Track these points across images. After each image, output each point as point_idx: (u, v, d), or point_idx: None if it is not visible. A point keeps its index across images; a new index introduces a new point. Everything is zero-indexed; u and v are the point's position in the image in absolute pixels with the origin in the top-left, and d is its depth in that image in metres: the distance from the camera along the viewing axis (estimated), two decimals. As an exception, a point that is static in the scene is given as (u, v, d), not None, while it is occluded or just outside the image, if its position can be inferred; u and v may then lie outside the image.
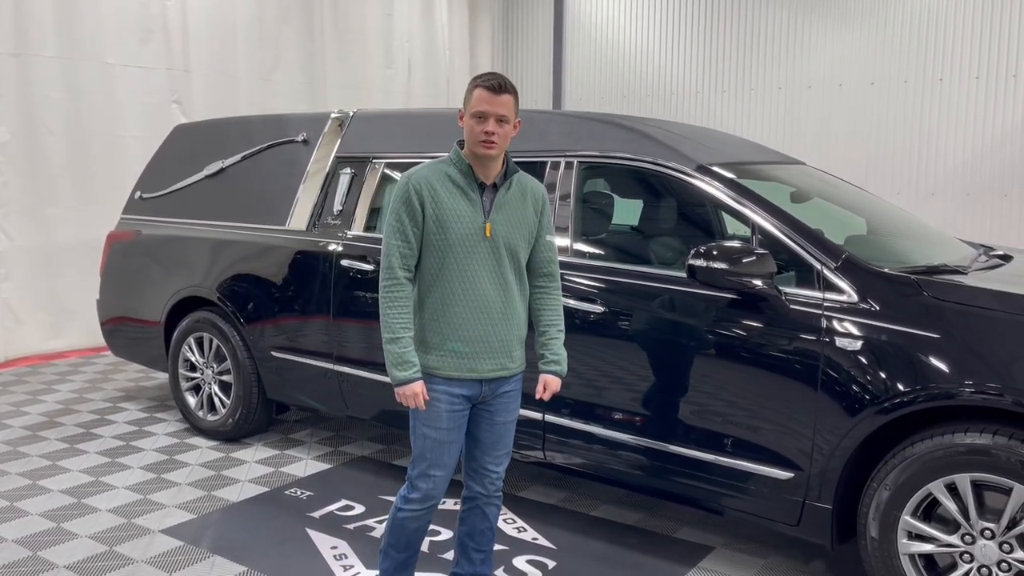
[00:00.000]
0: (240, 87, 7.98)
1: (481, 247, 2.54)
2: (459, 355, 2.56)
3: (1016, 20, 7.57)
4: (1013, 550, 2.62)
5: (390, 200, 2.52)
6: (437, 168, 2.57)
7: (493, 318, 2.57)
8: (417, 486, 2.65)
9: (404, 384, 2.51)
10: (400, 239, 2.52)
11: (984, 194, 7.89)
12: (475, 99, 2.49)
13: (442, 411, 2.58)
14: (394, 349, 2.51)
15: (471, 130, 2.50)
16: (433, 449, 2.61)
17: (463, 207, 2.53)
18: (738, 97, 9.17)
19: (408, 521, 2.70)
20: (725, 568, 3.34)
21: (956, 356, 2.70)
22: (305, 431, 5.00)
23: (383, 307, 2.53)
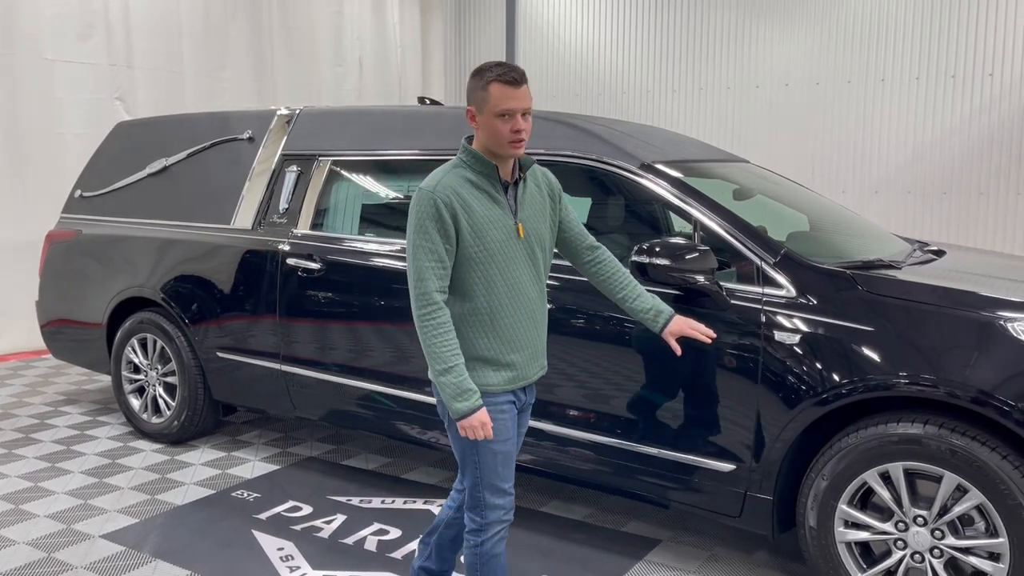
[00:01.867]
0: (186, 84, 7.85)
1: (517, 250, 2.39)
2: (513, 367, 2.42)
3: (954, 23, 7.79)
4: (944, 536, 2.70)
5: (412, 214, 2.32)
6: (455, 175, 2.35)
7: (537, 321, 2.47)
8: (495, 505, 2.46)
9: (469, 415, 2.31)
10: (434, 260, 2.30)
11: (924, 192, 8.11)
12: (495, 96, 2.28)
13: (508, 422, 2.44)
14: (450, 380, 2.30)
15: (496, 131, 2.29)
16: (504, 463, 2.45)
17: (495, 212, 2.36)
18: (688, 96, 9.29)
19: (497, 546, 2.49)
20: (671, 561, 3.39)
21: (890, 348, 2.77)
22: (253, 432, 4.94)
23: (426, 336, 2.32)
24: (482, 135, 2.35)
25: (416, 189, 2.35)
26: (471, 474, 2.46)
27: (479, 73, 2.34)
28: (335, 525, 3.68)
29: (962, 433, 2.63)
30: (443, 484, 4.17)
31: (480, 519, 2.47)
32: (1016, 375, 2.59)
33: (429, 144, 3.98)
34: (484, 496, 2.45)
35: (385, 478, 4.26)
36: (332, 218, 4.22)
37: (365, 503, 3.93)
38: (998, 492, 2.57)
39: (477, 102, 2.34)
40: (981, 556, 2.65)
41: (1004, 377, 2.60)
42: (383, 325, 3.86)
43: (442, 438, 3.76)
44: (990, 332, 2.68)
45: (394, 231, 4.05)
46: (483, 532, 2.47)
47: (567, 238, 2.64)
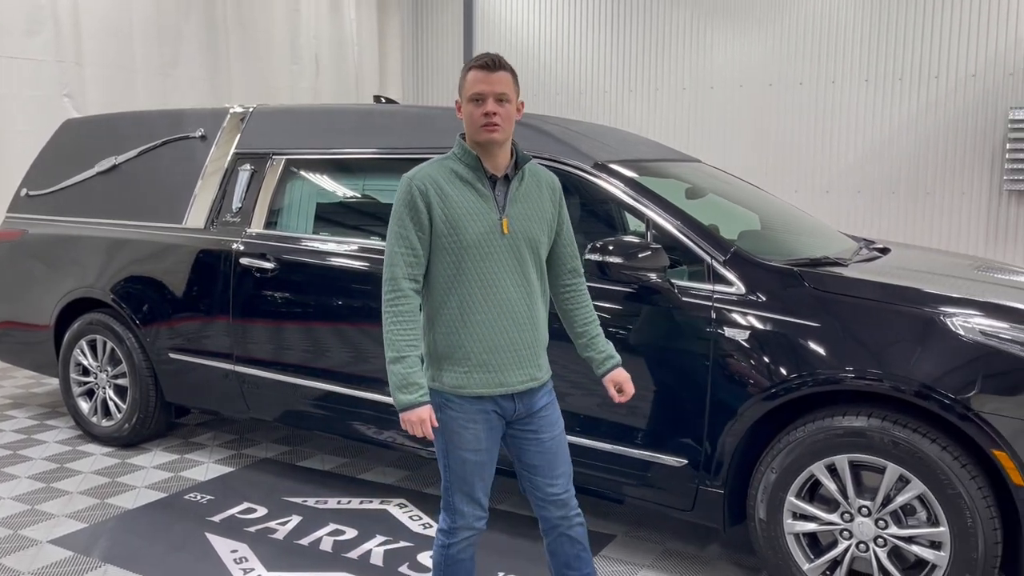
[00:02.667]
0: (137, 81, 7.71)
1: (499, 246, 2.30)
2: (486, 368, 2.32)
3: (901, 27, 7.99)
4: (888, 526, 2.77)
5: (394, 204, 2.32)
6: (441, 165, 2.33)
7: (519, 323, 2.34)
8: (462, 511, 2.41)
9: (409, 409, 2.25)
10: (404, 246, 2.28)
11: (874, 191, 8.29)
12: (470, 81, 2.28)
13: (479, 431, 2.35)
14: (398, 370, 2.25)
15: (470, 116, 2.28)
16: (474, 471, 2.37)
17: (475, 204, 2.30)
18: (645, 96, 9.38)
19: (463, 552, 2.45)
20: (626, 555, 3.42)
21: (837, 344, 2.84)
22: (207, 434, 4.88)
23: (386, 322, 2.27)
24: (465, 124, 2.33)
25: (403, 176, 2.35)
26: (444, 476, 2.43)
27: (464, 67, 2.35)
28: (290, 526, 3.65)
29: (904, 425, 2.71)
30: (400, 484, 4.16)
31: (450, 521, 2.44)
32: (955, 369, 2.67)
33: (384, 143, 3.97)
34: (454, 500, 2.42)
35: (341, 478, 4.24)
36: (286, 217, 4.18)
37: (321, 504, 3.90)
38: (938, 482, 2.65)
39: (459, 91, 2.34)
40: (923, 545, 2.73)
41: (945, 371, 2.68)
42: (339, 325, 3.84)
43: (399, 437, 3.75)
44: (932, 327, 2.76)
45: (350, 230, 4.04)
46: (451, 535, 2.44)
47: (554, 252, 2.50)
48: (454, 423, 2.34)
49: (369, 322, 3.74)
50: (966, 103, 7.78)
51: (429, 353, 2.37)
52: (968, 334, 2.70)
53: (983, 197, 7.81)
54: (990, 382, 2.63)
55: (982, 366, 2.66)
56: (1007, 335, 2.68)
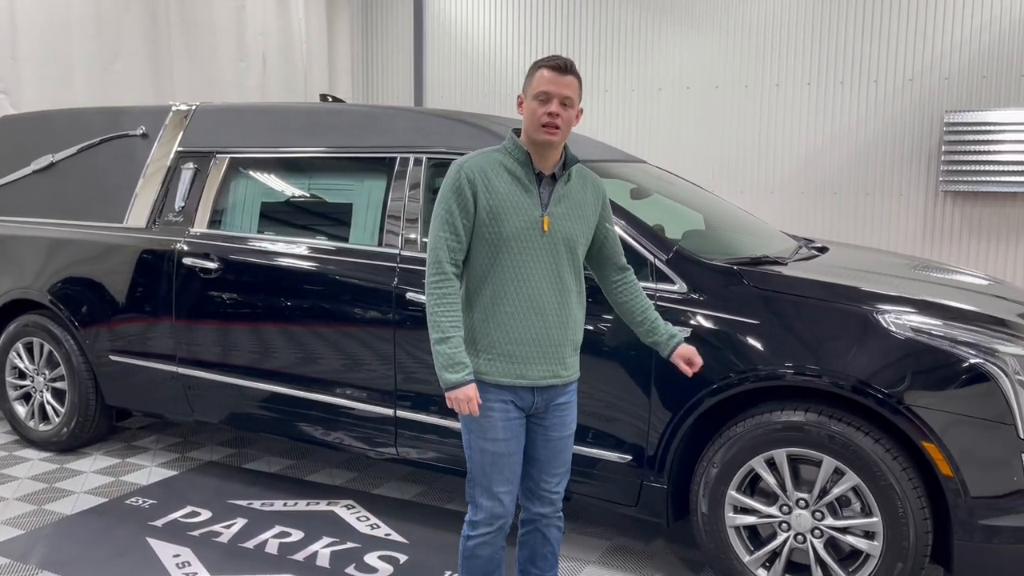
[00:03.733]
0: (76, 77, 7.50)
1: (538, 242, 2.35)
2: (510, 359, 2.36)
3: (842, 32, 8.19)
4: (824, 517, 2.85)
5: (441, 187, 2.36)
6: (491, 157, 2.38)
7: (547, 319, 2.38)
8: (481, 506, 2.44)
9: (456, 387, 2.28)
10: (449, 231, 2.32)
11: (817, 192, 8.48)
12: (537, 79, 2.32)
13: (496, 420, 2.38)
14: (444, 350, 2.29)
15: (532, 113, 2.31)
16: (493, 464, 2.40)
17: (520, 198, 2.34)
18: (594, 97, 9.45)
19: (479, 548, 2.47)
20: (573, 552, 3.46)
21: (776, 340, 2.90)
22: (150, 438, 4.79)
23: (430, 304, 2.31)
24: (524, 120, 2.37)
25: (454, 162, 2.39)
26: (469, 467, 2.47)
27: (533, 64, 2.38)
28: (235, 529, 3.61)
29: (839, 420, 2.79)
30: (347, 485, 4.14)
31: (471, 514, 2.49)
32: (889, 365, 2.76)
33: (330, 142, 3.94)
34: (475, 494, 2.46)
35: (288, 480, 4.20)
36: (231, 217, 4.13)
37: (267, 506, 3.86)
38: (872, 474, 2.73)
39: (525, 88, 2.37)
40: (857, 535, 2.82)
41: (879, 367, 2.76)
42: (285, 326, 3.81)
43: (346, 439, 3.73)
44: (867, 325, 2.84)
45: (296, 230, 4.00)
46: (472, 527, 2.48)
47: (601, 253, 2.58)
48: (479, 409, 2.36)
49: (316, 323, 3.71)
50: (904, 107, 8.01)
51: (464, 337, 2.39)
52: (900, 331, 2.79)
53: (920, 198, 8.04)
54: (921, 377, 2.72)
55: (913, 362, 2.74)
56: (939, 332, 2.77)
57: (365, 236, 3.73)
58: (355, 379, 3.64)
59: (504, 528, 2.48)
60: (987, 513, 2.65)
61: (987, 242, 7.80)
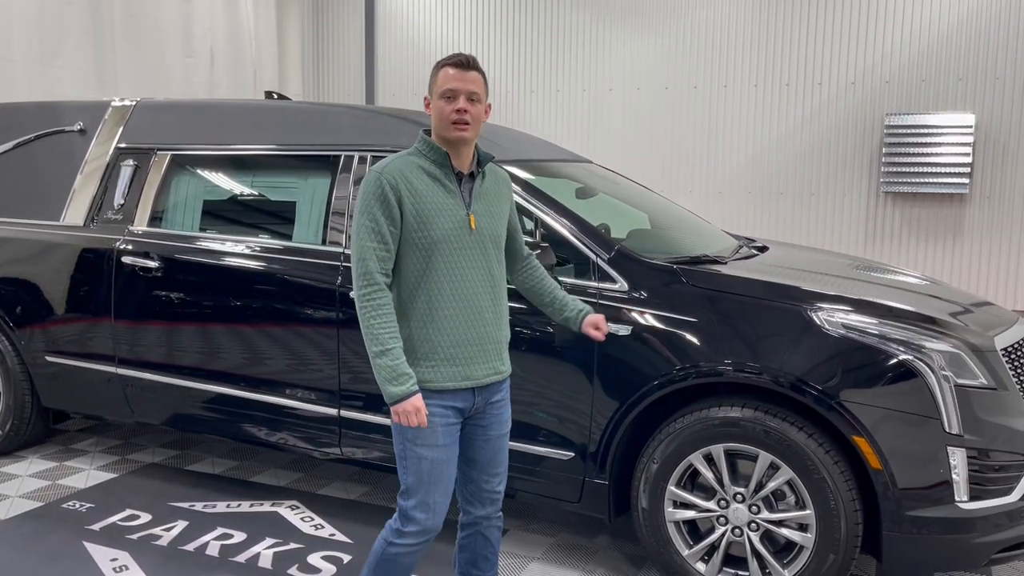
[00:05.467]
0: (16, 71, 7.31)
1: (467, 242, 2.35)
2: (453, 362, 2.34)
3: (787, 35, 8.35)
4: (760, 511, 2.91)
5: (360, 196, 2.32)
6: (408, 160, 2.34)
7: (484, 318, 2.38)
8: (415, 518, 2.37)
9: (402, 400, 2.24)
10: (376, 240, 2.27)
11: (763, 193, 8.64)
12: (442, 78, 2.32)
13: (437, 426, 2.33)
14: (386, 362, 2.24)
15: (440, 112, 2.31)
16: (432, 471, 2.34)
17: (445, 200, 2.32)
18: (546, 97, 9.51)
19: (403, 557, 2.41)
20: (517, 548, 3.48)
21: (714, 338, 2.96)
22: (89, 440, 4.69)
23: (365, 317, 2.26)
24: (433, 120, 2.36)
25: (368, 170, 2.34)
26: (401, 479, 2.40)
27: (436, 64, 2.38)
28: (175, 532, 3.56)
29: (775, 416, 2.85)
30: (293, 486, 4.10)
31: (397, 524, 2.41)
32: (824, 363, 2.82)
33: (275, 139, 3.90)
34: (408, 507, 2.38)
35: (231, 482, 4.15)
36: (172, 215, 4.06)
37: (209, 508, 3.81)
38: (806, 468, 2.80)
39: (430, 88, 2.37)
40: (792, 527, 2.88)
41: (813, 364, 2.83)
42: (227, 325, 3.76)
43: (291, 439, 3.70)
44: (801, 322, 2.90)
45: (239, 228, 3.95)
46: (398, 536, 2.40)
47: (511, 245, 2.60)
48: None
49: (259, 322, 3.67)
50: (847, 109, 8.20)
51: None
52: (834, 329, 2.86)
53: (862, 198, 8.24)
54: (853, 374, 2.80)
55: (846, 359, 2.81)
56: (871, 330, 2.85)
57: (309, 235, 3.70)
58: (299, 379, 3.61)
59: (432, 539, 2.44)
60: (914, 504, 2.73)
61: (925, 242, 8.03)
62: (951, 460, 2.71)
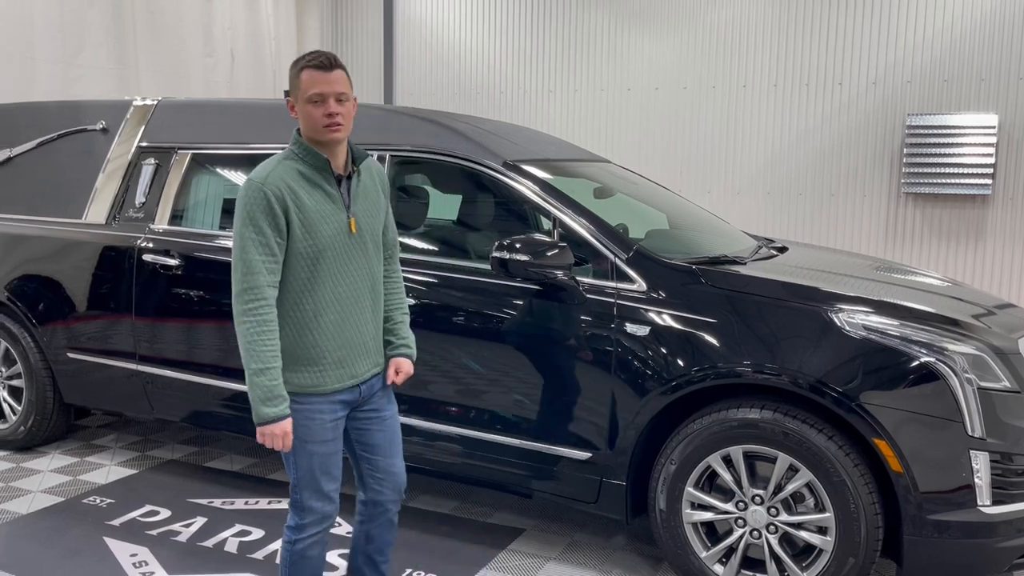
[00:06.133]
0: (38, 71, 7.38)
1: (350, 246, 2.33)
2: (339, 365, 2.35)
3: (807, 35, 8.29)
4: (779, 513, 2.89)
5: (240, 207, 2.24)
6: (287, 167, 2.27)
7: (367, 318, 2.40)
8: (312, 508, 2.40)
9: (273, 423, 2.23)
10: (265, 253, 2.21)
11: (782, 193, 8.58)
12: (305, 82, 2.24)
13: (326, 423, 2.36)
14: (263, 382, 2.21)
15: (310, 116, 2.25)
16: (322, 464, 2.38)
17: (326, 205, 2.29)
18: (564, 97, 9.49)
19: (310, 549, 2.44)
20: (533, 548, 3.47)
21: (733, 339, 2.94)
22: (109, 436, 4.73)
23: (249, 333, 2.21)
24: (303, 124, 2.30)
25: (245, 180, 2.27)
26: (291, 474, 2.42)
27: (294, 64, 2.30)
28: (194, 528, 3.58)
29: (794, 417, 2.83)
30: (310, 483, 4.11)
31: (297, 518, 2.43)
32: (844, 364, 2.80)
33: (293, 138, 3.92)
34: (303, 498, 2.40)
35: (250, 479, 4.17)
36: (192, 213, 4.09)
37: (227, 505, 3.83)
38: (825, 471, 2.78)
39: (292, 91, 2.30)
40: (811, 530, 2.86)
41: (834, 366, 2.80)
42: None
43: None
44: (822, 324, 2.87)
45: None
46: (298, 531, 2.43)
47: (383, 239, 2.53)
48: (300, 416, 2.32)
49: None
50: (867, 109, 8.13)
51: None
52: (855, 330, 2.83)
53: (883, 199, 8.17)
54: (874, 376, 2.77)
55: (867, 361, 2.79)
56: (893, 332, 2.82)
57: (328, 233, 3.71)
58: (317, 377, 3.62)
59: (331, 525, 2.48)
60: (936, 508, 2.70)
61: (947, 244, 7.95)
62: (974, 464, 2.69)
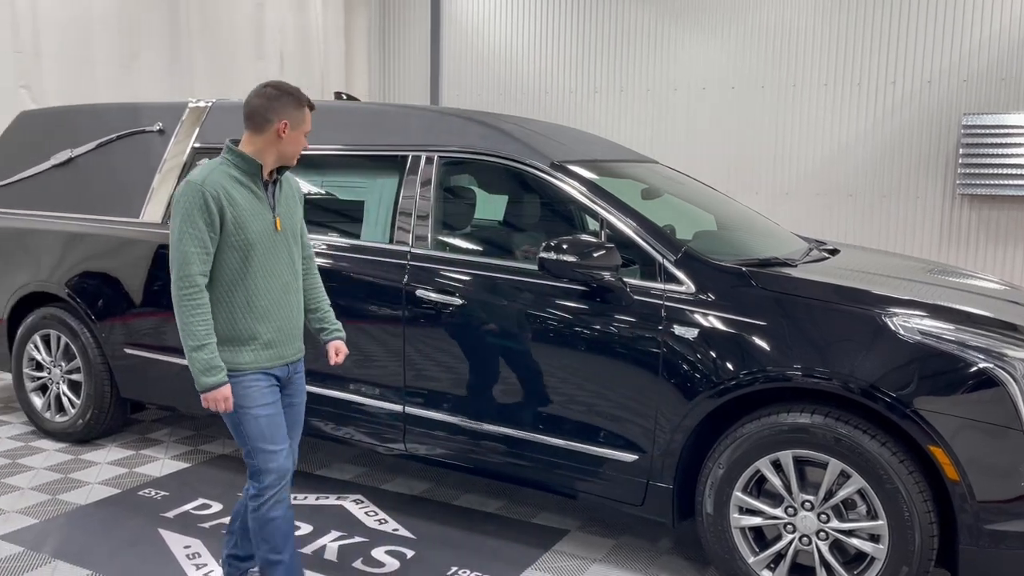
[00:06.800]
0: (97, 73, 7.60)
1: (275, 240, 2.69)
2: (271, 346, 2.69)
3: (860, 33, 8.14)
4: (830, 519, 2.85)
5: (179, 204, 2.56)
6: (223, 171, 2.62)
7: (292, 304, 2.75)
8: (267, 468, 2.68)
9: (214, 389, 2.57)
10: (199, 247, 2.55)
11: (832, 195, 8.44)
12: (307, 119, 2.70)
13: (263, 389, 2.69)
14: (202, 356, 2.55)
15: (296, 142, 2.68)
16: (269, 424, 2.69)
17: (256, 205, 2.64)
18: (609, 97, 9.45)
19: (273, 509, 2.69)
20: (578, 550, 3.47)
21: (783, 342, 2.90)
22: (163, 430, 4.85)
23: (185, 315, 2.54)
24: (284, 143, 2.66)
25: (184, 181, 2.59)
26: (243, 443, 2.70)
27: (294, 95, 2.67)
28: (245, 522, 3.65)
29: (846, 422, 2.78)
30: (356, 480, 4.17)
31: (256, 484, 2.71)
32: (898, 369, 2.75)
33: (345, 140, 3.98)
34: (257, 462, 2.69)
35: (298, 474, 4.22)
36: (245, 213, 4.17)
37: (277, 500, 3.90)
38: (878, 477, 2.73)
39: (291, 120, 2.65)
40: (863, 538, 2.81)
41: (887, 371, 2.75)
42: (295, 321, 3.84)
43: (356, 434, 3.76)
44: (875, 328, 2.83)
45: (309, 226, 4.01)
46: (259, 496, 2.69)
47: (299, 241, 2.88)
48: (239, 388, 2.64)
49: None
50: (921, 109, 7.95)
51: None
52: (910, 334, 2.78)
53: (937, 201, 7.99)
54: (930, 382, 2.71)
55: (923, 366, 2.73)
56: (949, 336, 2.76)
57: (377, 233, 3.76)
58: (365, 375, 3.67)
59: (289, 483, 2.73)
60: (993, 518, 2.64)
61: (1003, 246, 7.74)
62: (1033, 473, 2.62)
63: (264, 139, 2.65)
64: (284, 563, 2.74)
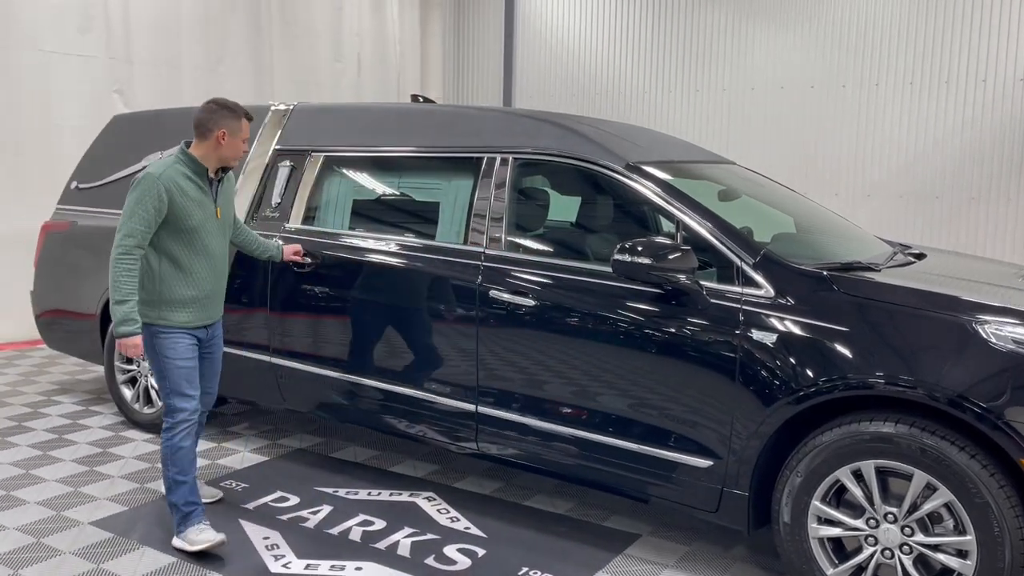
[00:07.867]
0: (184, 78, 7.89)
1: (215, 226, 3.39)
2: (200, 307, 3.38)
3: (947, 29, 7.85)
4: (914, 533, 2.75)
5: (137, 189, 3.20)
6: (176, 169, 3.28)
7: (220, 276, 3.47)
8: (180, 407, 3.34)
9: (129, 336, 3.18)
10: (143, 225, 3.19)
11: (917, 196, 8.16)
12: (244, 128, 3.39)
13: (186, 345, 3.37)
14: (124, 309, 3.17)
15: (236, 148, 3.37)
16: (186, 375, 3.35)
17: (202, 198, 3.33)
18: (684, 97, 9.35)
19: (183, 439, 3.34)
20: (650, 555, 3.44)
21: (866, 348, 2.82)
22: (243, 424, 5.00)
23: (118, 274, 3.16)
24: (225, 148, 3.33)
25: (144, 172, 3.24)
26: (163, 386, 3.37)
27: (232, 109, 3.35)
28: (321, 515, 3.74)
29: (932, 432, 2.69)
30: (429, 477, 4.22)
31: (171, 419, 3.35)
32: (988, 378, 2.64)
33: (421, 141, 4.03)
34: (173, 401, 3.35)
35: (372, 471, 4.32)
36: (323, 213, 4.27)
37: (351, 495, 3.98)
38: (966, 491, 2.62)
39: (230, 128, 3.33)
40: (949, 553, 2.71)
41: (977, 380, 2.65)
42: (372, 320, 3.92)
43: (429, 432, 3.81)
44: (964, 335, 2.72)
45: (386, 227, 4.11)
46: (173, 429, 3.35)
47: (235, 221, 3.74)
48: (169, 341, 3.32)
49: (402, 318, 3.81)
50: (1014, 107, 7.62)
51: (156, 300, 3.30)
52: (1001, 342, 2.67)
53: (1030, 203, 7.64)
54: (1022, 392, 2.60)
55: (1016, 376, 2.62)
56: (1043, 344, 2.64)
57: (451, 234, 3.80)
58: (438, 374, 3.71)
59: (195, 420, 3.39)
60: (1092, 537, 2.51)
61: (1104, 251, 7.35)
62: None
63: (207, 145, 3.32)
64: (188, 483, 3.36)
